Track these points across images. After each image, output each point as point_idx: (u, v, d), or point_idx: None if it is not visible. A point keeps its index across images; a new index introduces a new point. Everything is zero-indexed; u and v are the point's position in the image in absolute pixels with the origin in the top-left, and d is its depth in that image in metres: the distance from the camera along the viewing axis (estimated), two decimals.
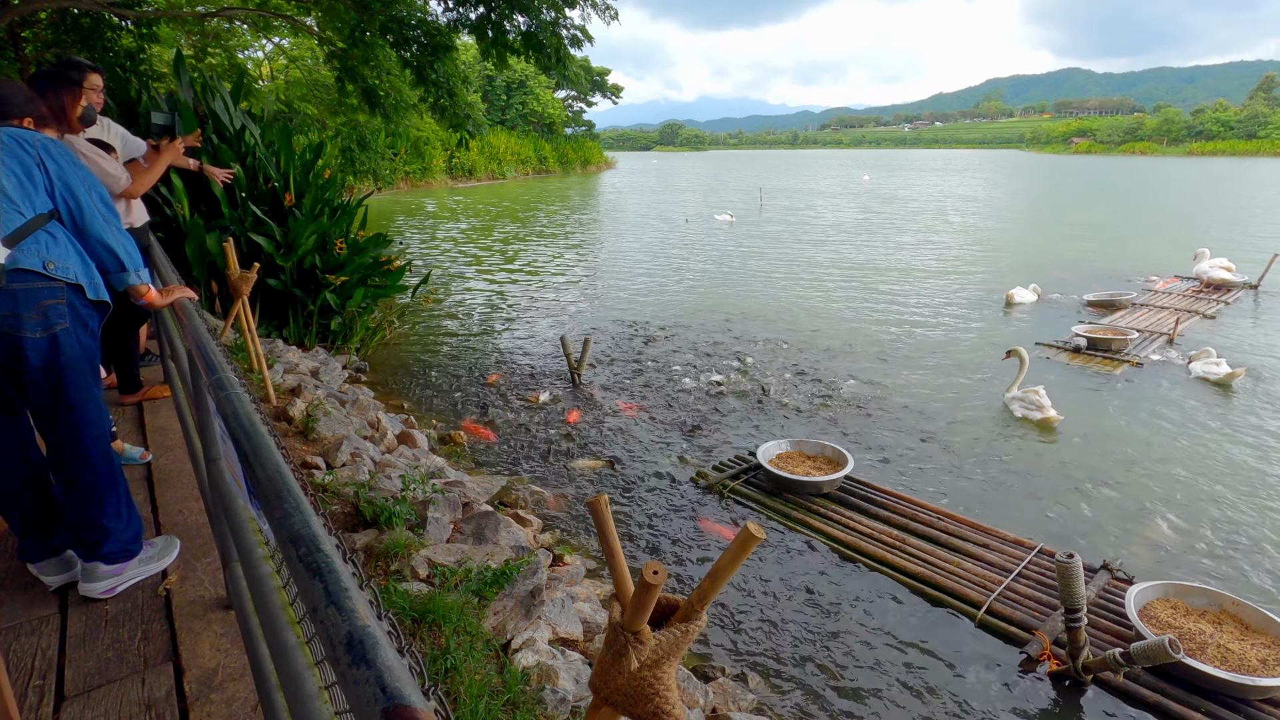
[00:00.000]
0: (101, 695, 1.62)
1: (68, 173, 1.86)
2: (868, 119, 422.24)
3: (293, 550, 0.79)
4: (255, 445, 1.02)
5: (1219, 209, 23.40)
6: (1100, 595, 3.40)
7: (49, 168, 1.83)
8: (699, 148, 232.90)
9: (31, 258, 1.76)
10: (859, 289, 10.98)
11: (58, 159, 1.85)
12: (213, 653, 1.79)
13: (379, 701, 0.55)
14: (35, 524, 1.99)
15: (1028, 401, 5.70)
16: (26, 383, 1.83)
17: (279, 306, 6.45)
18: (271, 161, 6.45)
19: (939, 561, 3.70)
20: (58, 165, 1.85)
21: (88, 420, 1.92)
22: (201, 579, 2.11)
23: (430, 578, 2.84)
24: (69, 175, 1.86)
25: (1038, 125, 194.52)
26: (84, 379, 1.90)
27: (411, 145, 33.15)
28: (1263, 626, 3.01)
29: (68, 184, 1.86)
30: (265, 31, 15.45)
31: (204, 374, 1.39)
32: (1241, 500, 4.45)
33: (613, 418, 5.79)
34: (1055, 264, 12.98)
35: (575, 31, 10.26)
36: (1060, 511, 4.33)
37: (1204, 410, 5.93)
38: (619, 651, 1.33)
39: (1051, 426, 5.54)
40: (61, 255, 1.83)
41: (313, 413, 4.25)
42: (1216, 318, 9.13)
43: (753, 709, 2.77)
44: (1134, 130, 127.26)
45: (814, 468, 4.54)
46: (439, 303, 10.16)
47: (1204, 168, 58.80)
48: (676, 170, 63.37)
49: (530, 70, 46.01)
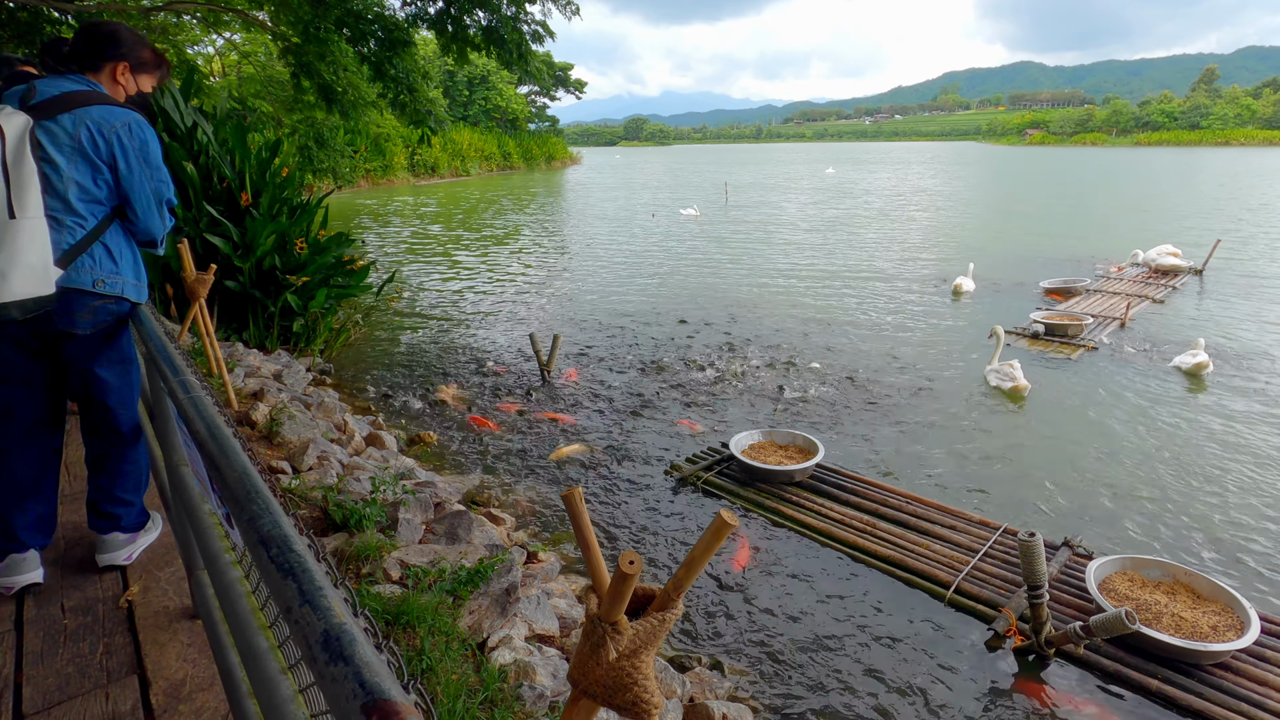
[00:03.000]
0: (63, 712, 1.57)
1: (134, 171, 1.91)
2: (830, 112, 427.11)
3: (263, 552, 0.77)
4: (221, 447, 0.99)
5: (1166, 197, 24.27)
6: (1062, 571, 3.51)
7: (119, 167, 1.88)
8: (663, 142, 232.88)
9: (84, 276, 1.87)
10: (823, 281, 11.12)
11: (130, 158, 1.89)
12: (179, 663, 1.74)
13: (358, 697, 0.55)
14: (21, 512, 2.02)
15: (1002, 373, 6.25)
16: (71, 370, 2.00)
17: (238, 309, 6.28)
18: (226, 160, 6.27)
19: (909, 544, 3.78)
20: (127, 165, 1.89)
21: (123, 403, 2.07)
22: (165, 589, 2.05)
23: (403, 579, 2.81)
24: (134, 175, 1.91)
25: (993, 118, 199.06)
26: (121, 368, 2.04)
27: (372, 142, 32.50)
28: (1213, 595, 3.15)
29: (131, 186, 1.92)
30: (215, 27, 14.97)
31: (165, 378, 1.35)
32: (1193, 475, 4.63)
33: (582, 410, 5.77)
34: (1012, 253, 13.33)
35: (536, 26, 10.17)
36: (1024, 491, 4.46)
37: (1156, 391, 6.16)
38: (597, 642, 1.33)
39: (1022, 394, 6.05)
40: (115, 270, 1.94)
41: (276, 416, 4.15)
42: (1165, 302, 9.49)
43: (729, 696, 2.80)
44: (1084, 122, 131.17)
45: (786, 457, 4.60)
46: (400, 300, 10.00)
47: (1151, 157, 60.93)
48: (641, 165, 63.33)
49: (492, 66, 45.41)
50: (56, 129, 1.79)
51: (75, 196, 1.82)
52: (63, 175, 1.79)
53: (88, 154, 1.82)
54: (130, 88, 2.02)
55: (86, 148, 1.81)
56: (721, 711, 2.55)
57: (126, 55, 1.98)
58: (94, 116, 1.82)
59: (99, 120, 1.82)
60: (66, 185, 1.80)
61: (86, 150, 1.82)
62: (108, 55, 1.94)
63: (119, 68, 1.97)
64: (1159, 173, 38.53)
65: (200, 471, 1.34)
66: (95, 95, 1.87)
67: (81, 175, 1.82)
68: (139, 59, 2.02)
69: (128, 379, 2.08)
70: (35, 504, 2.02)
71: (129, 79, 2.01)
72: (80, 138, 1.80)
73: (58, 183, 1.79)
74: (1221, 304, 9.36)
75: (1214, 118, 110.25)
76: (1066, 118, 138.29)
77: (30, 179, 1.72)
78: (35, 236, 1.73)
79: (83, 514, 2.20)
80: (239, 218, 6.12)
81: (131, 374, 2.10)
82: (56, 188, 1.79)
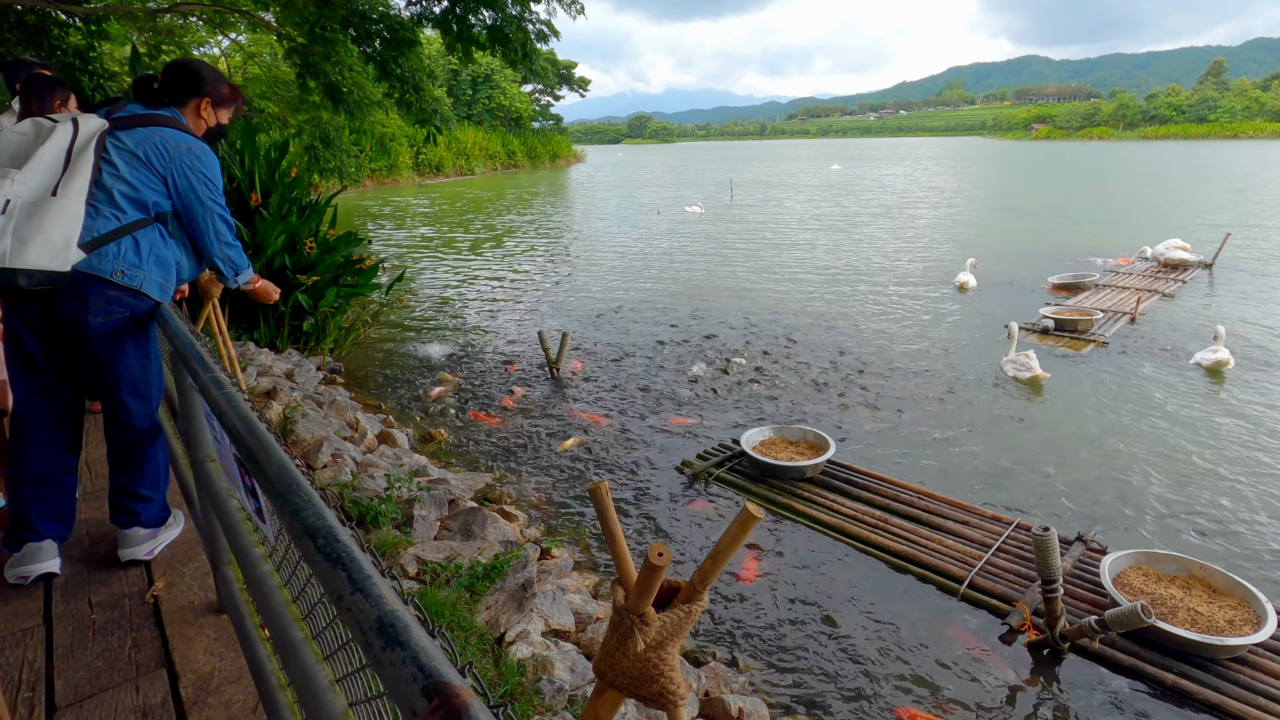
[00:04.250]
0: (95, 704, 1.59)
1: (192, 189, 2.02)
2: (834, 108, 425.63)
3: (310, 542, 0.79)
4: (259, 441, 1.01)
5: (1174, 191, 24.12)
6: (1076, 566, 3.51)
7: (176, 183, 2.00)
8: (667, 140, 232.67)
9: (105, 264, 1.90)
10: (830, 278, 11.11)
11: (188, 174, 2.01)
12: (207, 657, 1.76)
13: (417, 680, 0.56)
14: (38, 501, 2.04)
15: (1019, 363, 6.35)
16: (87, 361, 2.01)
17: (249, 309, 6.32)
18: (235, 160, 6.31)
19: (921, 539, 3.79)
20: (185, 180, 2.01)
21: (138, 397, 2.08)
22: (190, 584, 2.07)
23: (420, 575, 2.83)
24: (191, 192, 2.02)
25: (999, 112, 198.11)
26: (135, 362, 2.04)
27: (377, 142, 32.55)
28: (1229, 589, 3.14)
29: (188, 201, 2.03)
30: (221, 28, 15.01)
31: (195, 374, 1.37)
32: (1205, 468, 4.62)
33: (593, 406, 5.79)
34: (1019, 248, 13.28)
35: (541, 25, 10.18)
36: (1036, 486, 4.45)
37: (1167, 385, 6.14)
38: (624, 634, 1.34)
39: (1040, 383, 6.14)
40: (138, 264, 1.97)
41: (290, 415, 4.18)
42: (1176, 296, 9.44)
43: (744, 690, 2.81)
44: (1091, 115, 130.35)
45: (797, 453, 4.60)
46: (408, 299, 10.04)
47: (1158, 151, 60.56)
48: (645, 163, 63.27)
49: (496, 64, 45.46)
50: (127, 138, 1.95)
51: (121, 193, 1.93)
52: (117, 174, 1.92)
53: (149, 163, 1.96)
54: (211, 120, 2.20)
55: (151, 158, 1.96)
56: (738, 705, 2.57)
57: (209, 91, 2.16)
58: (163, 135, 1.99)
59: (166, 139, 1.99)
60: (117, 183, 1.92)
61: (149, 160, 1.96)
62: (192, 91, 2.13)
63: (202, 103, 2.15)
64: (1166, 166, 38.28)
65: (231, 467, 1.35)
66: (170, 120, 2.04)
67: (135, 178, 1.95)
68: (219, 95, 2.19)
69: (145, 375, 2.10)
70: (52, 494, 2.05)
71: (210, 113, 2.19)
72: (146, 149, 1.96)
73: (110, 179, 1.92)
74: (1232, 298, 9.31)
75: (1222, 111, 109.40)
76: (1073, 112, 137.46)
77: (84, 169, 1.86)
78: (67, 216, 1.83)
79: (106, 511, 2.22)
80: (249, 218, 6.15)
81: (152, 372, 2.12)
82: (106, 183, 1.91)
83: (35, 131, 1.88)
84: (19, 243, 1.75)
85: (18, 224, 1.76)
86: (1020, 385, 6.13)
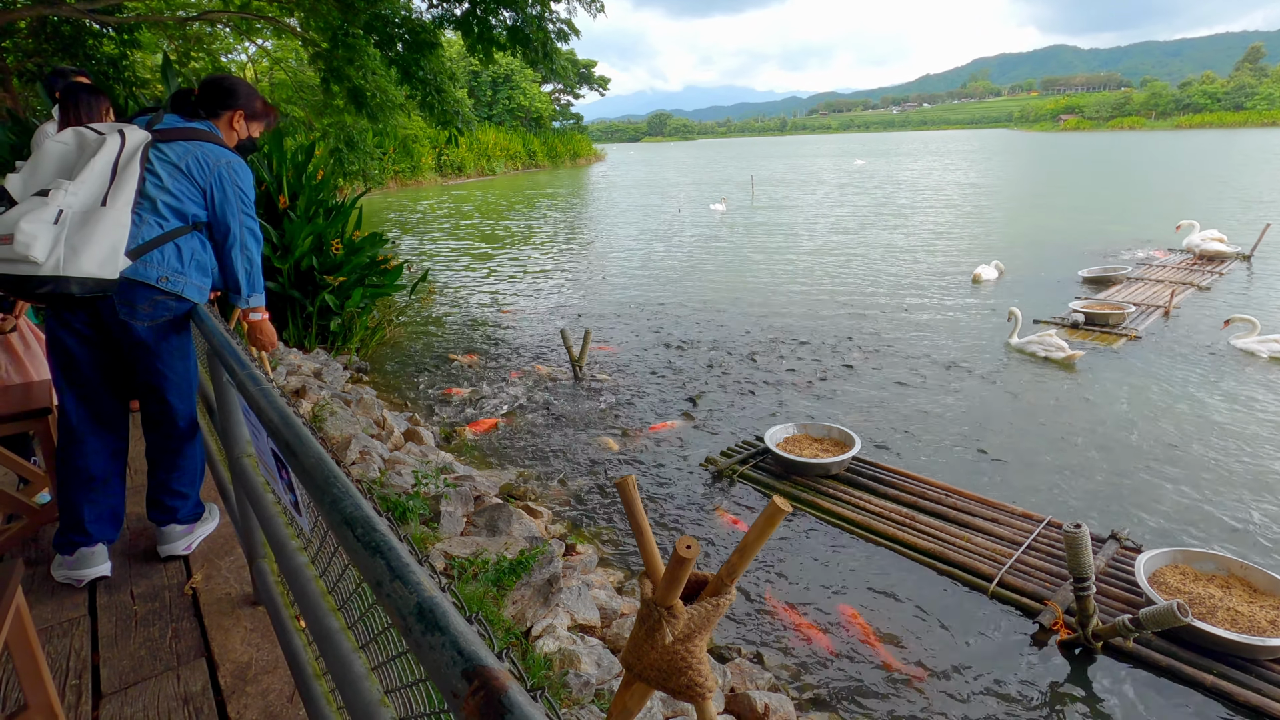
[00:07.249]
0: (138, 692, 1.64)
1: (229, 203, 2.11)
2: (856, 103, 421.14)
3: (349, 531, 0.81)
4: (297, 434, 1.03)
5: (1210, 181, 23.47)
6: (1109, 564, 3.44)
7: (214, 195, 2.08)
8: (688, 137, 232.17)
9: (151, 270, 1.99)
10: (855, 272, 11.00)
11: (226, 187, 2.10)
12: (244, 647, 1.81)
13: (458, 664, 0.57)
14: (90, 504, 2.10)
15: (1047, 344, 6.30)
16: (134, 364, 2.08)
17: (277, 309, 6.44)
18: (264, 164, 6.43)
19: (949, 537, 3.74)
20: (223, 193, 2.09)
21: (182, 396, 2.16)
22: (226, 577, 2.13)
23: (447, 570, 2.87)
24: (228, 205, 2.11)
25: (1025, 104, 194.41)
26: (178, 362, 2.12)
27: (400, 144, 32.98)
28: (1271, 589, 3.06)
29: (224, 213, 2.11)
30: (248, 34, 15.32)
31: (231, 371, 1.41)
32: (1244, 466, 4.50)
33: (615, 398, 5.80)
34: (1049, 241, 13.03)
35: (561, 25, 10.21)
36: (1067, 483, 4.37)
37: (1202, 379, 5.99)
38: (652, 627, 1.35)
39: (1072, 364, 6.21)
40: (180, 270, 2.05)
41: (319, 413, 4.26)
42: (1211, 289, 9.19)
43: (769, 687, 2.80)
44: (1121, 105, 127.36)
45: (821, 450, 4.57)
46: (433, 298, 10.14)
47: (1193, 140, 58.92)
48: (665, 161, 63.19)
49: (516, 65, 45.72)
50: (169, 150, 2.03)
51: (164, 203, 2.01)
52: (160, 184, 2.00)
53: (190, 175, 2.05)
54: (243, 133, 2.29)
55: (192, 170, 2.05)
56: (764, 702, 2.56)
57: (243, 105, 2.26)
58: (204, 149, 2.07)
59: (207, 153, 2.07)
60: (160, 193, 2.00)
61: (191, 172, 2.05)
62: (227, 105, 2.22)
63: (235, 116, 2.25)
64: (1201, 155, 37.26)
65: (268, 461, 1.38)
66: (209, 134, 2.13)
67: (177, 188, 2.03)
68: (252, 109, 2.29)
69: (187, 375, 2.17)
70: (104, 497, 2.11)
71: (243, 125, 2.28)
72: (188, 162, 2.04)
73: (153, 189, 2.00)
74: (1273, 290, 9.04)
75: (1260, 98, 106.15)
76: (1102, 102, 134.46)
77: (130, 180, 1.93)
78: (116, 226, 1.89)
79: (145, 506, 2.29)
80: (277, 220, 6.27)
81: (190, 370, 2.19)
82: (150, 192, 1.99)
83: (78, 141, 1.93)
84: (72, 251, 1.81)
85: (70, 233, 1.82)
86: (1049, 381, 6.00)
